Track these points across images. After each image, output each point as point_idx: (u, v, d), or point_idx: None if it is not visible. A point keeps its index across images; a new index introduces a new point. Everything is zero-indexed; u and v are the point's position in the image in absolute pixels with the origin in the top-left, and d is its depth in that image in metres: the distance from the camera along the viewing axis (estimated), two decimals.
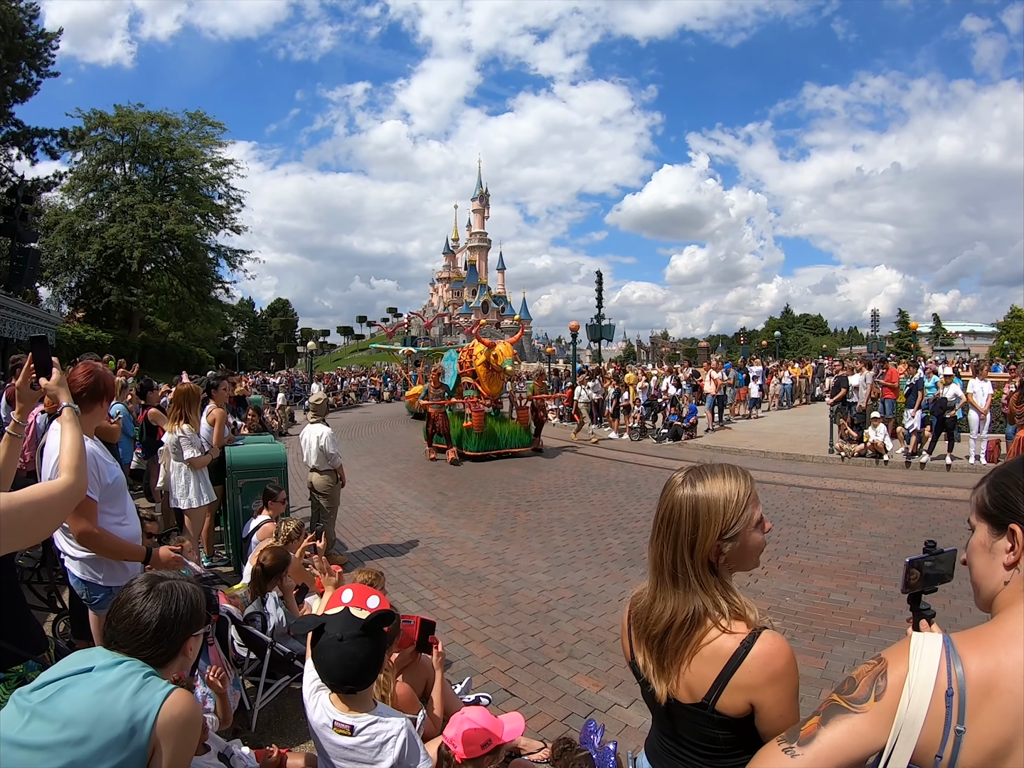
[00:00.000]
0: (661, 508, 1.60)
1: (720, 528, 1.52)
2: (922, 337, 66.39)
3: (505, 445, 15.34)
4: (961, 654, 1.16)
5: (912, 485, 11.19)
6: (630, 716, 4.09)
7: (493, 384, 15.36)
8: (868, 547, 7.56)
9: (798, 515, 9.12)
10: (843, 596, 6.09)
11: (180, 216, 42.31)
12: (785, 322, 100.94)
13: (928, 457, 12.95)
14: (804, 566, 6.94)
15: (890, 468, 13.00)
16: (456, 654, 4.99)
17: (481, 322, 45.45)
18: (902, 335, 60.08)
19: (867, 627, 5.35)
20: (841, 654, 4.85)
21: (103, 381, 3.26)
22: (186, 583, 2.00)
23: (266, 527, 5.64)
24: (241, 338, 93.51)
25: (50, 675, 1.80)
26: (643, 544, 7.55)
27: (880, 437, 13.29)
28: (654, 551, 1.61)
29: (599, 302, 25.85)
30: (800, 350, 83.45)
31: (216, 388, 7.20)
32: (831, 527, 8.50)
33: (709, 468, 1.61)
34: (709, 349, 63.87)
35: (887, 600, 5.85)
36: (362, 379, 39.69)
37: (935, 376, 14.13)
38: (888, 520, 8.80)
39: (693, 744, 1.59)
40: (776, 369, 26.61)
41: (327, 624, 2.24)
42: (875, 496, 10.39)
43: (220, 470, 6.74)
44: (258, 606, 4.17)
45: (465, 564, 7.12)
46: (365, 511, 9.71)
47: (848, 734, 1.20)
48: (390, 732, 2.26)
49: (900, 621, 1.60)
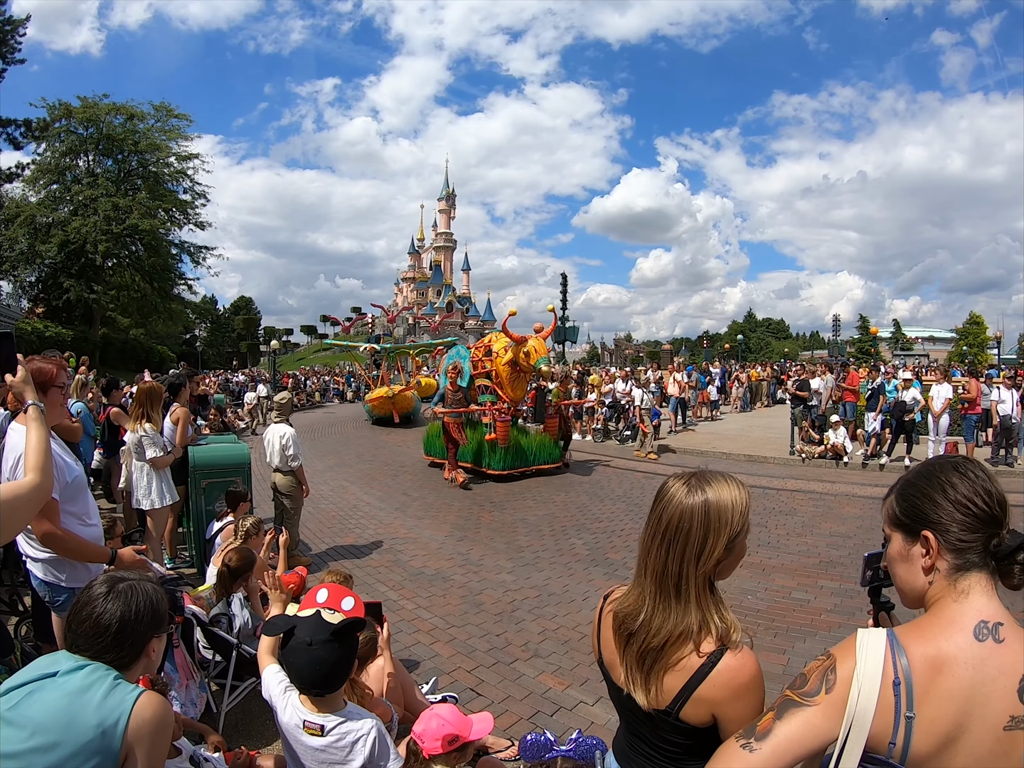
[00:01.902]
0: (667, 515, 1.55)
1: (729, 535, 1.51)
2: (882, 342, 67.69)
3: (533, 461, 12.84)
4: (904, 645, 1.22)
5: (871, 486, 11.36)
6: (596, 714, 4.12)
7: (517, 388, 12.81)
8: (828, 546, 7.70)
9: (760, 515, 9.23)
10: (804, 594, 6.19)
11: (143, 211, 41.32)
12: (748, 326, 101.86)
13: (887, 459, 13.17)
14: (766, 565, 7.04)
15: (850, 469, 13.21)
16: (422, 654, 4.98)
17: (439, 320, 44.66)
18: (863, 340, 61.07)
19: (828, 624, 5.44)
20: (802, 650, 4.93)
21: (37, 373, 3.17)
22: (147, 584, 1.97)
23: (229, 528, 5.58)
24: (204, 336, 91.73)
25: (15, 680, 1.77)
26: (607, 545, 7.69)
27: (840, 439, 13.51)
28: (656, 561, 1.56)
29: (564, 304, 26.07)
30: (762, 354, 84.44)
31: (181, 387, 7.10)
32: (792, 527, 8.64)
33: (711, 474, 1.59)
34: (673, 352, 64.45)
35: (847, 597, 5.96)
36: (325, 379, 39.37)
37: (894, 380, 14.42)
38: (848, 520, 8.98)
39: (657, 746, 1.62)
40: (738, 372, 26.92)
41: (297, 627, 2.23)
42: (835, 497, 10.58)
43: (183, 470, 6.64)
44: (223, 607, 4.13)
45: (430, 564, 7.10)
46: (329, 512, 9.63)
47: (803, 727, 1.24)
48: (360, 731, 2.26)
49: (859, 618, 1.64)
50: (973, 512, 1.23)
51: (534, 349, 11.76)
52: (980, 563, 1.23)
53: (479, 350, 13.97)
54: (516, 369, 12.32)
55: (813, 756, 1.29)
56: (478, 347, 14.27)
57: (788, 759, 1.24)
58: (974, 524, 1.23)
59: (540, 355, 11.73)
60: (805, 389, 14.72)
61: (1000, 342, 41.92)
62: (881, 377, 14.83)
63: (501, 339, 13.08)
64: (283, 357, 75.12)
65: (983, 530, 1.23)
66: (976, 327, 70.65)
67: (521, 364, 12.04)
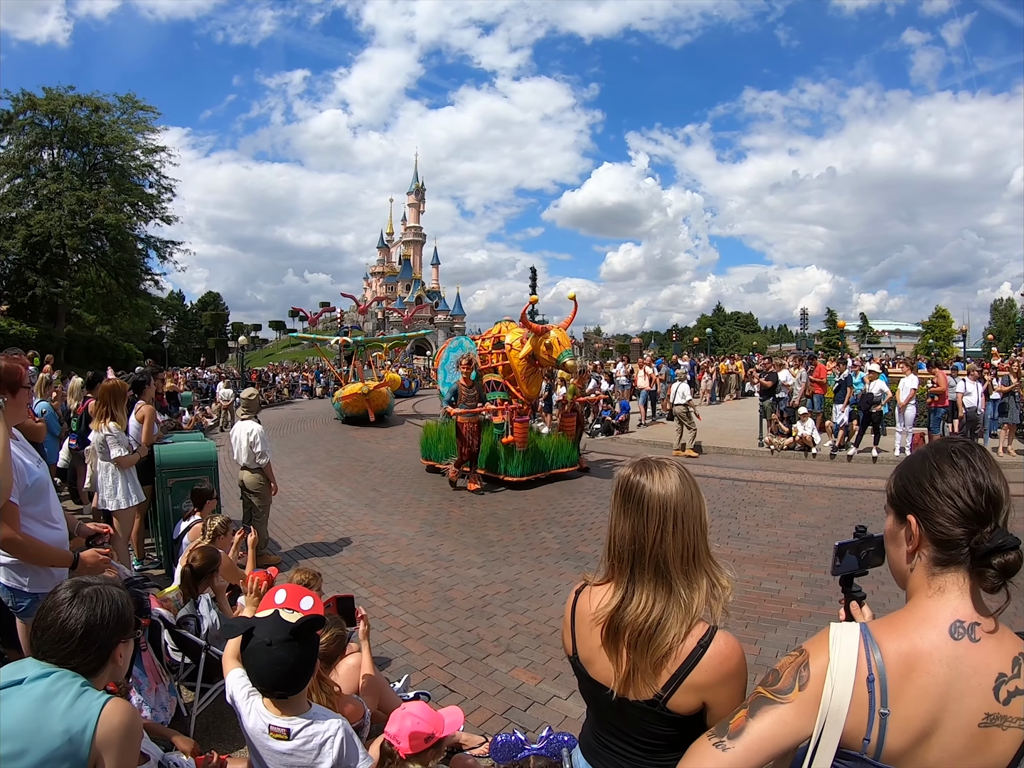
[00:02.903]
0: (672, 502, 1.54)
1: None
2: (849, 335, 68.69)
3: (552, 465, 11.63)
4: (878, 640, 1.21)
5: (839, 477, 11.53)
6: (569, 708, 4.12)
7: (533, 384, 11.39)
8: (797, 536, 7.77)
9: (729, 506, 9.33)
10: (774, 584, 6.23)
11: (109, 205, 40.55)
12: (717, 319, 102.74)
13: (855, 450, 13.36)
14: (736, 556, 7.08)
15: (818, 461, 13.35)
16: (393, 652, 4.94)
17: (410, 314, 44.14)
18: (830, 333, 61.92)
19: (798, 613, 5.48)
20: (774, 640, 4.96)
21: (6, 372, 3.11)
22: (112, 588, 1.95)
23: (197, 528, 5.49)
24: (170, 332, 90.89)
25: None
26: (577, 538, 7.72)
27: (808, 431, 13.68)
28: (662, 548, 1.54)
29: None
30: (731, 347, 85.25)
31: (146, 384, 6.97)
32: (761, 518, 8.71)
33: (650, 458, 1.65)
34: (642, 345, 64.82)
35: (817, 587, 6.01)
36: (294, 375, 39.06)
37: (861, 372, 14.63)
38: (816, 510, 9.06)
39: (636, 740, 1.60)
40: (707, 365, 27.15)
41: (256, 628, 2.18)
42: (804, 488, 10.69)
43: (149, 469, 6.52)
44: (191, 609, 4.04)
45: (400, 561, 7.06)
46: (298, 509, 9.53)
47: (776, 724, 1.23)
48: (327, 733, 2.22)
49: (830, 607, 1.65)
50: (957, 505, 1.20)
51: (557, 341, 10.39)
52: (961, 560, 1.21)
53: (487, 342, 12.50)
54: (535, 363, 10.94)
55: (786, 754, 1.28)
56: (485, 338, 12.86)
57: (762, 757, 1.24)
58: (957, 518, 1.20)
59: (564, 347, 10.42)
60: (773, 381, 14.85)
61: (966, 335, 42.79)
62: (848, 370, 15.10)
63: (514, 330, 11.74)
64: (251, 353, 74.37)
65: (966, 525, 1.19)
66: (942, 321, 72.08)
67: (541, 358, 10.60)
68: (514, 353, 11.05)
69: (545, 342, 10.34)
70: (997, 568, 1.15)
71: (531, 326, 10.72)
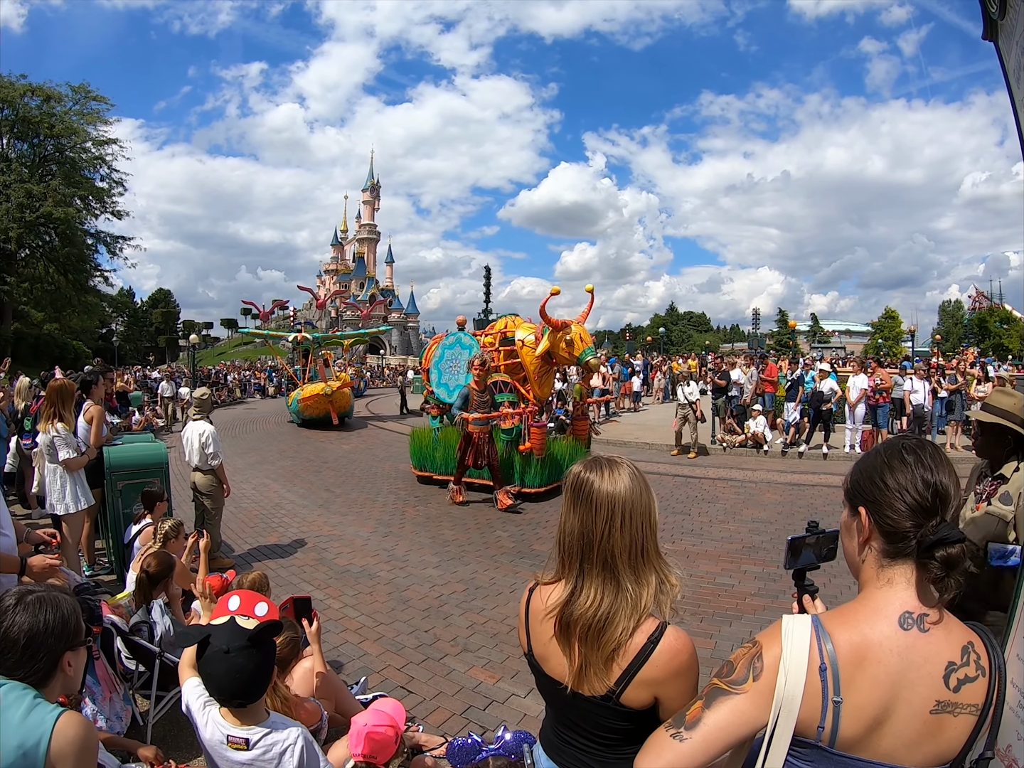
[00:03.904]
0: (621, 499, 1.54)
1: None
2: (801, 335, 70.07)
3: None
4: (830, 631, 1.24)
5: (791, 473, 11.76)
6: (528, 705, 4.12)
7: (546, 384, 10.41)
8: (750, 532, 7.89)
9: (683, 503, 9.42)
10: (728, 579, 6.31)
11: (59, 198, 39.51)
12: (670, 319, 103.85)
13: (806, 447, 13.64)
14: (690, 552, 7.16)
15: (769, 457, 13.60)
16: (350, 654, 4.90)
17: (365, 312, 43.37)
18: (782, 333, 62.91)
19: (752, 607, 5.56)
20: (729, 634, 5.02)
21: None
22: (58, 595, 1.90)
23: (148, 531, 5.36)
24: (120, 331, 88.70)
25: None
26: (532, 536, 7.74)
27: (760, 428, 13.92)
28: (609, 545, 1.54)
29: (487, 297, 26.11)
30: (684, 346, 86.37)
31: (93, 384, 6.78)
32: (715, 514, 8.80)
33: (601, 457, 1.66)
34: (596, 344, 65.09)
35: (770, 581, 6.11)
36: (246, 374, 38.52)
37: (812, 371, 14.94)
38: (768, 506, 9.22)
39: (593, 734, 1.61)
40: (660, 364, 27.44)
41: (212, 636, 2.11)
42: (756, 484, 10.89)
43: (98, 472, 6.34)
44: (144, 615, 3.94)
45: (355, 562, 7.00)
46: (251, 511, 9.38)
47: (732, 714, 1.25)
48: (287, 741, 2.18)
49: (783, 600, 1.67)
50: (904, 500, 1.23)
51: (579, 337, 9.37)
52: (909, 552, 1.24)
53: (488, 338, 11.34)
54: (551, 362, 9.98)
55: (742, 743, 1.30)
56: (487, 334, 11.57)
57: (719, 747, 1.26)
58: (905, 511, 1.23)
59: (587, 344, 9.45)
60: (726, 380, 15.06)
61: (914, 336, 43.86)
62: (800, 369, 15.35)
63: (522, 325, 10.68)
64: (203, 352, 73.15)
65: (914, 519, 1.22)
66: (891, 321, 73.82)
67: (560, 356, 9.54)
68: (527, 351, 10.00)
69: (566, 338, 9.34)
70: (940, 560, 1.18)
71: (551, 320, 9.48)
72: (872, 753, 1.20)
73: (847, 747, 1.20)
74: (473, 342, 11.21)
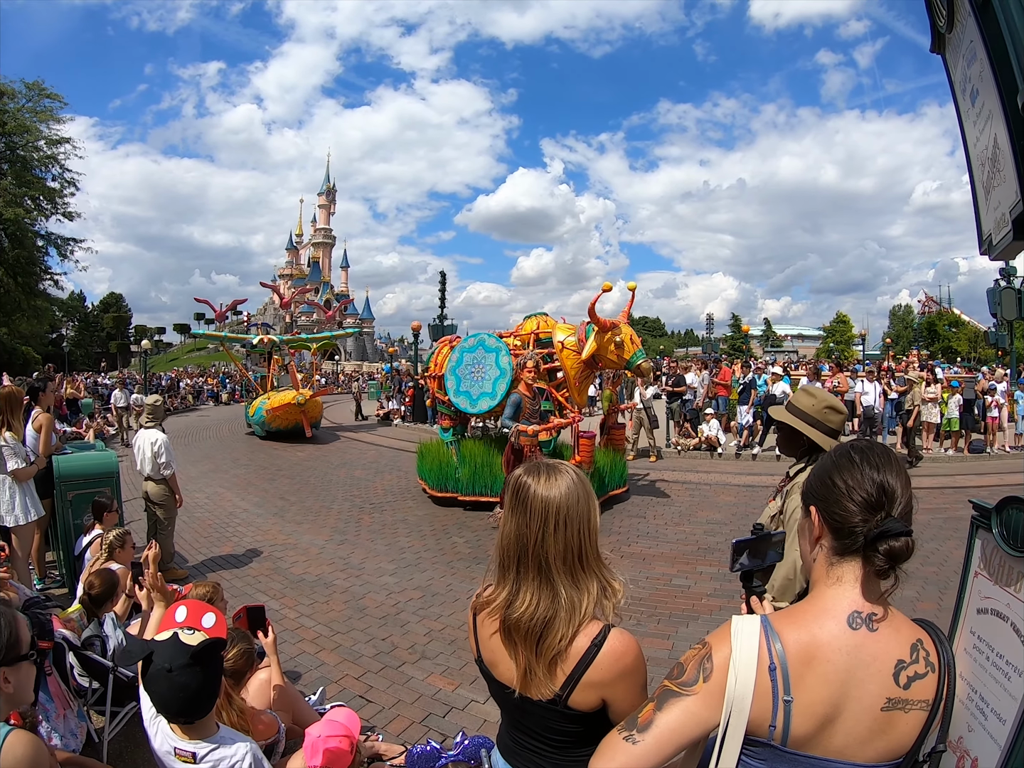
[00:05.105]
0: (555, 504, 1.54)
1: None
2: (754, 339, 71.18)
3: (610, 486, 9.94)
4: (778, 631, 1.26)
5: (745, 475, 11.94)
6: (487, 711, 4.11)
7: (584, 391, 9.48)
8: (705, 533, 8.00)
9: (638, 506, 9.55)
10: (684, 580, 6.39)
11: (9, 198, 38.01)
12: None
13: (759, 449, 13.83)
14: (645, 554, 7.24)
15: (723, 460, 13.78)
16: (307, 664, 4.84)
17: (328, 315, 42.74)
18: (735, 337, 63.89)
19: (708, 608, 5.65)
20: (686, 635, 5.09)
21: None
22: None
23: (98, 542, 5.24)
24: (71, 336, 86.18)
25: None
26: (488, 542, 7.72)
27: (714, 431, 14.10)
28: (544, 550, 1.54)
29: (442, 302, 26.05)
30: None
31: (41, 391, 6.61)
32: (670, 516, 8.91)
33: (545, 461, 1.66)
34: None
35: (726, 582, 6.19)
36: (199, 380, 37.86)
37: (765, 375, 15.20)
38: (723, 507, 9.37)
39: (546, 738, 1.62)
40: None
41: (155, 653, 2.04)
42: (710, 486, 11.03)
43: (47, 482, 6.18)
44: (96, 629, 3.83)
45: (311, 571, 6.92)
46: (204, 520, 9.21)
47: (683, 715, 1.26)
48: (235, 757, 2.14)
49: (739, 601, 1.69)
50: (851, 498, 1.26)
51: (630, 339, 8.58)
52: (856, 549, 1.26)
53: (516, 339, 10.02)
54: (596, 367, 9.14)
55: (695, 744, 1.32)
56: (515, 335, 10.18)
57: (671, 749, 1.27)
58: (853, 508, 1.26)
59: (637, 346, 8.64)
60: (681, 384, 15.22)
61: (865, 339, 44.73)
62: (752, 372, 15.58)
63: (558, 327, 9.64)
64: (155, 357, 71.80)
65: (861, 515, 1.25)
66: (843, 325, 75.17)
67: (608, 359, 8.69)
68: (568, 354, 9.02)
69: (615, 340, 8.50)
70: (883, 553, 1.20)
71: (600, 321, 8.56)
72: (824, 750, 1.23)
73: (799, 745, 1.23)
74: (500, 344, 9.56)
